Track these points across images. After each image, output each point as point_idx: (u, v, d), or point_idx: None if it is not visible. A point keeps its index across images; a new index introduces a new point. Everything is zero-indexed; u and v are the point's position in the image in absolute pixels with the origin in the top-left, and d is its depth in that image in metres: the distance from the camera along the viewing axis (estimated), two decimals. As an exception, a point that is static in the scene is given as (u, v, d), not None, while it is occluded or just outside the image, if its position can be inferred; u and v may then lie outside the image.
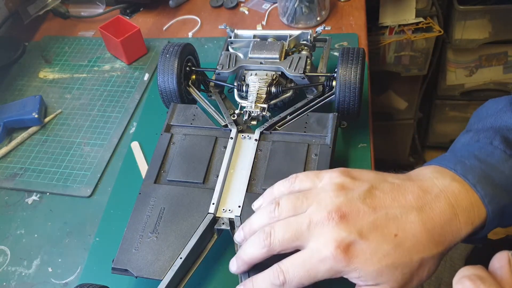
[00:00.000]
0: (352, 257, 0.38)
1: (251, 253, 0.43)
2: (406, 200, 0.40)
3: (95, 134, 0.75)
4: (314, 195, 0.42)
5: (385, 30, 1.28)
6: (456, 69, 1.40)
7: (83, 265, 0.59)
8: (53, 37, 0.95)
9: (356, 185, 0.42)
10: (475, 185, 0.41)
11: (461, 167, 0.42)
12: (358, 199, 0.40)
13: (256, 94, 0.61)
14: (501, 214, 0.41)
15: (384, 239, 0.39)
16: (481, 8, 1.25)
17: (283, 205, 0.43)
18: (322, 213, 0.40)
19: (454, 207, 0.40)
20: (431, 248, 0.39)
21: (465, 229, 0.40)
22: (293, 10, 0.84)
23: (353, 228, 0.39)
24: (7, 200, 0.69)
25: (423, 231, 0.39)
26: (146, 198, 0.54)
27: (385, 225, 0.39)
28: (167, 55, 0.65)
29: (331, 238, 0.39)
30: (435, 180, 0.42)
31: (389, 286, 0.39)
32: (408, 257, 0.39)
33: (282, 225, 0.42)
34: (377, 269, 0.38)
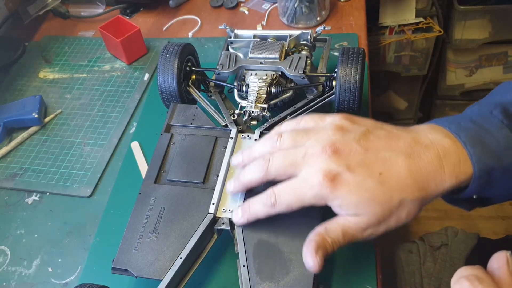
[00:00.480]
0: (337, 185, 0.41)
1: (250, 176, 0.48)
2: (398, 145, 0.43)
3: (95, 134, 0.75)
4: (314, 132, 0.46)
5: (385, 30, 1.28)
6: (456, 69, 1.40)
7: (83, 265, 0.59)
8: (53, 37, 0.95)
9: (354, 128, 0.45)
10: (466, 143, 0.42)
11: (455, 126, 0.44)
12: (353, 140, 0.43)
13: (256, 94, 0.61)
14: (487, 176, 0.42)
15: (369, 175, 0.42)
16: (481, 8, 1.25)
17: (285, 138, 0.47)
18: (318, 147, 0.43)
19: (441, 159, 0.42)
20: (413, 191, 0.42)
21: (449, 181, 0.42)
22: (293, 10, 0.84)
23: (342, 162, 0.42)
24: (7, 200, 0.69)
25: (407, 174, 0.42)
26: (146, 198, 0.54)
27: (373, 164, 0.42)
28: (167, 55, 0.65)
29: (321, 168, 0.42)
30: (428, 134, 0.44)
31: (367, 218, 0.42)
32: (389, 194, 0.41)
33: (280, 154, 0.46)
34: (358, 200, 0.42)
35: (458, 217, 1.45)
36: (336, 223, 0.44)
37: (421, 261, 0.76)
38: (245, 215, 0.48)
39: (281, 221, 0.50)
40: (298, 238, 0.48)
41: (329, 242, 0.43)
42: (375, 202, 0.42)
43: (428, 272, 0.74)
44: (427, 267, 0.74)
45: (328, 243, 0.43)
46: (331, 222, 0.44)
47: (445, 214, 1.46)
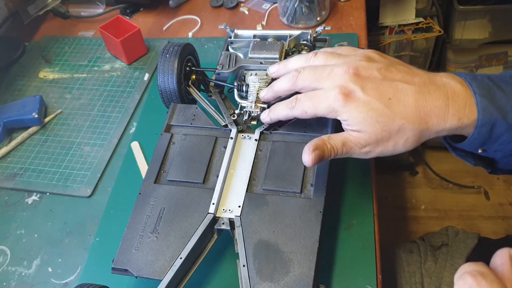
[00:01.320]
0: (348, 101, 0.46)
1: (280, 85, 0.53)
2: (413, 80, 0.47)
3: (95, 134, 0.75)
4: (345, 57, 0.51)
5: (385, 30, 1.28)
6: (456, 69, 1.40)
7: (83, 265, 0.59)
8: (53, 37, 0.95)
9: (381, 60, 0.49)
10: (475, 92, 0.45)
11: (471, 77, 0.47)
12: (375, 68, 0.48)
13: (256, 94, 0.61)
14: (491, 128, 0.45)
15: (379, 98, 0.46)
16: (481, 8, 1.25)
17: (318, 56, 0.52)
18: (343, 67, 0.48)
19: (448, 99, 0.45)
20: (414, 120, 0.45)
21: (450, 120, 0.45)
22: (293, 10, 0.84)
23: (359, 83, 0.46)
24: (7, 200, 0.69)
25: (413, 105, 0.45)
26: (146, 198, 0.54)
27: (385, 90, 0.46)
28: (167, 55, 0.65)
29: (339, 84, 0.47)
30: (444, 78, 0.47)
31: (367, 135, 0.46)
32: (391, 118, 0.45)
33: (310, 69, 0.50)
34: (363, 116, 0.46)
35: (458, 217, 1.45)
36: (339, 135, 0.48)
37: (422, 260, 0.76)
38: (270, 114, 0.54)
39: (281, 221, 0.50)
40: (298, 238, 0.48)
41: (328, 147, 0.47)
42: (378, 121, 0.45)
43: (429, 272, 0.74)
44: (428, 266, 0.74)
45: (327, 147, 0.47)
46: (335, 133, 0.49)
47: (445, 214, 1.46)
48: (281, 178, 0.53)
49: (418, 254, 0.77)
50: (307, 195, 0.52)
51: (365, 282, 0.53)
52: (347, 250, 0.55)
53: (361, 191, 0.61)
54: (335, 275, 0.54)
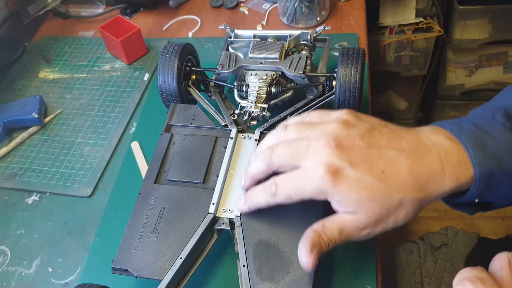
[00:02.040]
0: (337, 180, 0.41)
1: (255, 168, 0.48)
2: (400, 145, 0.43)
3: (95, 134, 0.75)
4: (319, 125, 0.46)
5: (385, 30, 1.28)
6: (456, 69, 1.40)
7: (83, 265, 0.59)
8: (53, 37, 0.95)
9: (358, 124, 0.45)
10: (467, 146, 0.42)
11: (457, 128, 0.44)
12: (357, 135, 0.43)
13: (256, 94, 0.61)
14: (488, 180, 0.42)
15: (370, 172, 0.41)
16: (481, 8, 1.25)
17: (289, 129, 0.47)
18: (322, 139, 0.43)
19: (443, 160, 0.42)
20: (413, 191, 0.41)
21: (449, 183, 0.42)
22: (293, 10, 0.84)
23: (345, 157, 0.42)
24: (7, 200, 0.69)
25: (408, 174, 0.41)
26: (146, 198, 0.54)
27: (375, 161, 0.42)
28: (167, 55, 0.65)
29: (323, 160, 0.42)
30: (430, 135, 0.44)
31: (365, 216, 0.42)
32: (388, 193, 0.41)
33: (284, 145, 0.46)
34: (358, 197, 0.41)
35: (458, 217, 1.45)
36: (333, 221, 0.43)
37: (421, 261, 0.76)
38: (247, 203, 0.49)
39: (281, 221, 0.50)
40: (298, 238, 0.48)
41: (325, 240, 0.43)
42: (374, 200, 0.41)
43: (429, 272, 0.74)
44: (427, 267, 0.74)
45: (324, 241, 0.43)
46: (328, 219, 0.44)
47: (445, 214, 1.46)
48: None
49: (417, 254, 0.77)
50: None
51: (365, 282, 0.53)
52: (347, 250, 0.55)
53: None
54: (335, 275, 0.54)
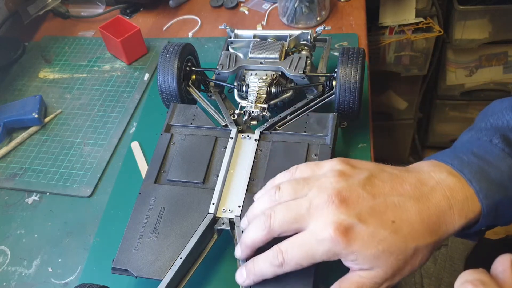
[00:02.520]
0: (350, 239, 0.39)
1: (253, 237, 0.44)
2: (404, 189, 0.41)
3: (95, 134, 0.75)
4: (314, 180, 0.43)
5: (385, 30, 1.28)
6: (456, 69, 1.40)
7: (83, 265, 0.59)
8: (53, 37, 0.95)
9: (356, 173, 0.43)
10: (471, 180, 0.41)
11: (458, 162, 0.43)
12: (358, 185, 0.41)
13: (256, 94, 0.61)
14: (495, 209, 0.42)
15: (382, 224, 0.39)
16: (481, 8, 1.25)
17: (283, 189, 0.44)
18: (322, 196, 0.41)
19: (450, 199, 0.41)
20: (426, 236, 0.40)
21: (459, 221, 0.41)
22: (293, 10, 0.84)
23: (352, 212, 0.40)
24: (7, 200, 0.69)
25: (419, 220, 0.40)
26: (146, 198, 0.54)
27: (384, 211, 0.40)
28: (167, 55, 0.65)
29: (330, 220, 0.39)
30: (432, 173, 0.42)
31: (382, 271, 0.40)
32: (403, 243, 0.39)
33: (282, 207, 0.42)
34: (374, 253, 0.39)
35: (458, 217, 1.45)
36: (350, 282, 0.41)
37: (421, 261, 0.76)
38: (250, 277, 0.44)
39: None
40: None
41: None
42: (390, 253, 0.39)
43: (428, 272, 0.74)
44: (427, 267, 0.74)
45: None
46: (345, 281, 0.42)
47: (445, 214, 1.46)
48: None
49: (418, 254, 0.77)
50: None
51: (365, 282, 0.52)
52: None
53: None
54: (335, 275, 0.53)
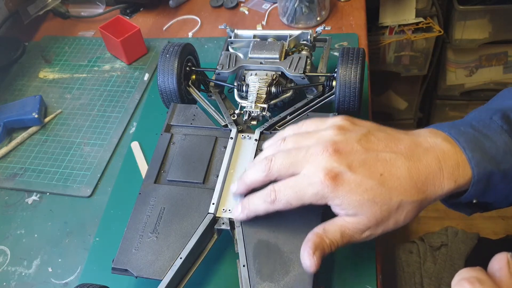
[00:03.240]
0: (338, 185, 0.42)
1: (252, 176, 0.48)
2: (398, 148, 0.43)
3: (95, 134, 0.75)
4: (316, 133, 0.46)
5: (385, 30, 1.28)
6: (456, 69, 1.40)
7: (83, 265, 0.59)
8: (53, 37, 0.95)
9: (355, 129, 0.46)
10: (465, 148, 0.43)
11: (455, 131, 0.44)
12: (354, 140, 0.44)
13: (256, 94, 0.61)
14: (487, 181, 0.43)
15: (370, 175, 0.42)
16: (481, 8, 1.25)
17: (288, 140, 0.48)
18: (319, 146, 0.44)
19: (441, 162, 0.43)
20: (412, 193, 0.42)
21: (447, 185, 0.43)
22: (293, 10, 0.84)
23: (344, 161, 0.42)
24: (7, 200, 0.69)
25: (407, 176, 0.42)
26: (146, 198, 0.54)
27: (374, 164, 0.42)
28: (167, 55, 0.65)
29: (322, 166, 0.43)
30: (428, 137, 0.44)
31: (366, 219, 0.43)
32: (388, 196, 0.42)
33: (282, 154, 0.46)
34: (359, 200, 0.42)
35: (458, 217, 1.45)
36: (335, 224, 0.44)
37: (421, 261, 0.76)
38: (244, 211, 0.49)
39: (281, 221, 0.50)
40: (298, 238, 0.48)
41: (327, 242, 0.43)
42: (375, 202, 0.42)
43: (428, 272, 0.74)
44: (427, 267, 0.74)
45: (326, 243, 0.43)
46: (329, 222, 0.44)
47: (445, 214, 1.46)
48: (281, 178, 0.53)
49: (417, 254, 0.77)
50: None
51: (365, 282, 0.53)
52: (347, 250, 0.55)
53: (361, 191, 0.61)
54: (335, 275, 0.54)
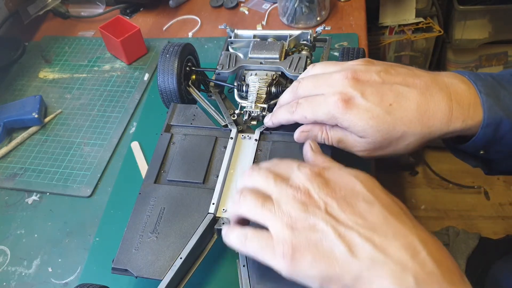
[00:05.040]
0: (348, 108, 0.45)
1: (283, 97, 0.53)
2: (414, 83, 0.45)
3: (95, 134, 0.75)
4: (343, 63, 0.50)
5: (385, 30, 1.28)
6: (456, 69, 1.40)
7: (83, 265, 0.59)
8: (53, 37, 0.95)
9: (379, 63, 0.49)
10: (480, 91, 0.44)
11: (474, 76, 0.46)
12: (374, 71, 0.47)
13: (256, 94, 0.61)
14: (496, 127, 0.44)
15: (379, 103, 0.45)
16: (481, 8, 1.25)
17: (317, 65, 0.52)
18: (342, 72, 0.47)
19: (452, 101, 0.44)
20: (416, 125, 0.44)
21: (454, 122, 0.44)
22: (293, 10, 0.84)
23: (359, 88, 0.45)
24: (7, 200, 0.69)
25: (415, 109, 0.44)
26: (146, 198, 0.54)
27: (386, 94, 0.45)
28: (167, 55, 0.65)
29: (339, 90, 0.46)
30: (446, 77, 0.46)
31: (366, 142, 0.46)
32: (393, 125, 0.44)
33: (310, 77, 0.51)
34: (364, 125, 0.45)
35: (459, 217, 1.45)
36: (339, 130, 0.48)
37: (422, 261, 0.76)
38: (272, 119, 0.54)
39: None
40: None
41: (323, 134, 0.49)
42: (379, 130, 0.45)
43: (429, 272, 0.73)
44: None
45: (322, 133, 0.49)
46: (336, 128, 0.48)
47: (445, 214, 1.46)
48: (281, 178, 0.53)
49: (418, 254, 0.77)
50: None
51: (365, 282, 0.52)
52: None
53: (361, 191, 0.61)
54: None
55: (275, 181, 0.43)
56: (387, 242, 0.36)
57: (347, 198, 0.40)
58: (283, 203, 0.41)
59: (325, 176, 0.42)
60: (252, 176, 0.45)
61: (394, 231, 0.37)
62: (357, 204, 0.39)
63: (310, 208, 0.39)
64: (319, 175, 0.42)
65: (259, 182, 0.44)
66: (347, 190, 0.40)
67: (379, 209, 0.39)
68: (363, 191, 0.40)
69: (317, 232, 0.38)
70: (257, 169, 0.45)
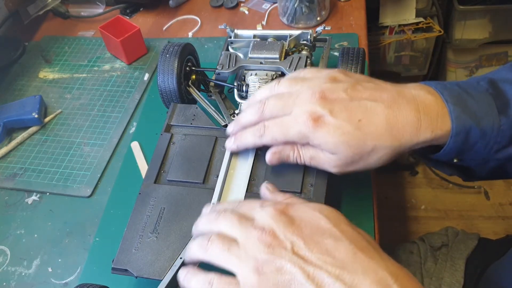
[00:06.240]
0: (318, 126, 0.45)
1: (247, 117, 0.51)
2: (381, 97, 0.46)
3: (95, 134, 0.75)
4: (309, 80, 0.50)
5: (385, 30, 1.28)
6: (456, 69, 1.40)
7: (83, 265, 0.59)
8: (53, 37, 0.95)
9: (346, 79, 0.48)
10: (447, 101, 0.44)
11: (441, 86, 0.46)
12: (341, 89, 0.47)
13: (256, 94, 0.61)
14: (465, 136, 0.44)
15: (349, 120, 0.45)
16: (481, 8, 1.25)
17: (282, 83, 0.51)
18: (309, 91, 0.47)
19: (420, 112, 0.44)
20: (386, 139, 0.44)
21: (424, 133, 0.44)
22: (293, 10, 0.84)
23: (328, 107, 0.45)
24: (7, 200, 0.69)
25: (384, 123, 0.44)
26: (146, 198, 0.54)
27: (354, 110, 0.45)
28: (167, 55, 0.65)
29: (307, 109, 0.46)
30: (413, 89, 0.46)
31: (338, 158, 0.46)
32: (363, 140, 0.45)
33: (276, 97, 0.50)
34: (335, 141, 0.45)
35: (458, 217, 1.45)
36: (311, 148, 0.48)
37: (422, 261, 0.76)
38: (236, 142, 0.53)
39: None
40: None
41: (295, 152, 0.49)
42: (349, 145, 0.45)
43: (429, 272, 0.74)
44: (428, 267, 0.74)
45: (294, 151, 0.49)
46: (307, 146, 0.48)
47: (445, 214, 1.46)
48: (281, 178, 0.53)
49: (418, 255, 0.77)
50: (307, 195, 0.52)
51: (365, 282, 0.52)
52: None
53: (361, 191, 0.61)
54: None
55: (240, 224, 0.42)
56: (357, 280, 0.35)
57: (313, 235, 0.38)
58: (249, 247, 0.40)
59: (289, 213, 0.41)
60: (217, 220, 0.44)
61: (364, 267, 0.36)
62: (324, 241, 0.38)
63: (276, 249, 0.38)
64: (283, 213, 0.41)
65: (224, 226, 0.43)
66: (312, 227, 0.39)
67: (346, 245, 0.38)
68: (329, 227, 0.39)
69: (285, 274, 0.37)
70: (222, 212, 0.44)
